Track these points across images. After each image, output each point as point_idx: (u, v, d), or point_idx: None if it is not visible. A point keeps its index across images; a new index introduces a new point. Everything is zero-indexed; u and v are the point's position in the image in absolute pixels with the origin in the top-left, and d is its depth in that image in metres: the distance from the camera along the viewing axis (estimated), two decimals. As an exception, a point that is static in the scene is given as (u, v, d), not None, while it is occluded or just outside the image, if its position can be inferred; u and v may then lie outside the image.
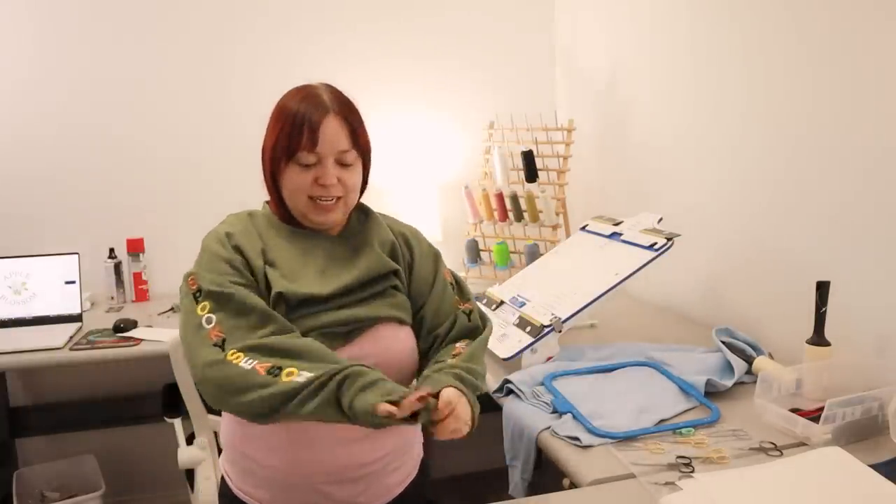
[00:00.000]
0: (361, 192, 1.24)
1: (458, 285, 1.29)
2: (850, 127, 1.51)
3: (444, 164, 2.76)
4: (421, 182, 2.68)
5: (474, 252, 2.50)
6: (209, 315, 1.08)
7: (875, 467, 1.07)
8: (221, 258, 1.12)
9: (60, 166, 2.40)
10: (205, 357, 1.05)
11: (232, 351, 1.05)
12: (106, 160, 2.44)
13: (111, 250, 2.37)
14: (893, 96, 1.40)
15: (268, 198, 1.22)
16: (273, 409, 1.01)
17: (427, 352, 1.23)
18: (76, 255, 2.18)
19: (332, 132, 1.14)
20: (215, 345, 1.06)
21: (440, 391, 1.03)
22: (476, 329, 1.25)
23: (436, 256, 1.29)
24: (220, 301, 1.08)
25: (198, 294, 1.10)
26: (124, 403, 2.47)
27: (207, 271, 1.11)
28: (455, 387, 1.06)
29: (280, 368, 1.03)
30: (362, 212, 1.27)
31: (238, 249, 1.13)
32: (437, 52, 2.70)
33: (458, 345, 1.21)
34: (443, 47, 2.70)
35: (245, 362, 1.03)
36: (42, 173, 2.39)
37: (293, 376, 1.02)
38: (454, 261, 2.67)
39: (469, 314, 1.26)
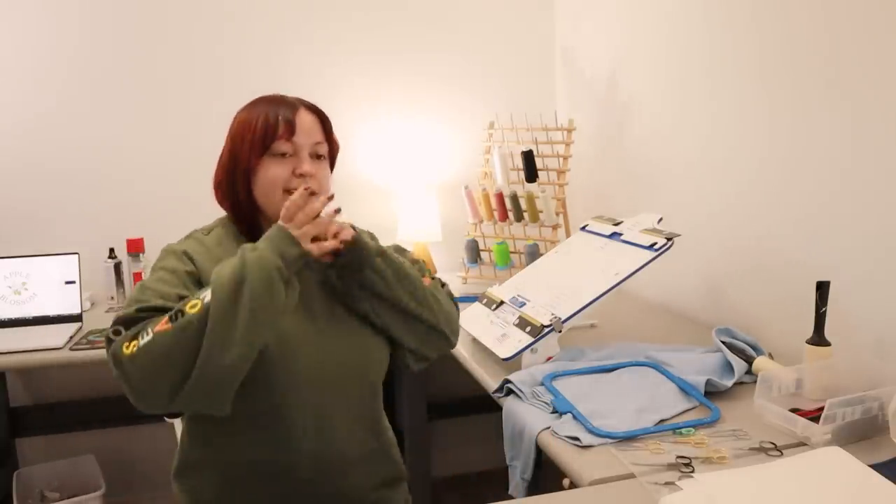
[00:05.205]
0: None
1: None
2: (850, 127, 1.51)
3: (444, 164, 2.75)
4: (421, 182, 2.68)
5: (474, 252, 2.50)
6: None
7: (875, 467, 1.07)
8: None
9: (61, 166, 2.40)
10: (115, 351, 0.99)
11: (125, 343, 0.99)
12: (106, 160, 2.44)
13: (111, 250, 2.36)
14: (895, 97, 1.40)
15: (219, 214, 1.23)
16: (211, 354, 0.93)
17: None
18: (76, 255, 2.17)
19: (307, 123, 1.19)
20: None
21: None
22: None
23: None
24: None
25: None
26: (124, 403, 2.43)
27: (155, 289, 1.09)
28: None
29: (181, 311, 0.98)
30: None
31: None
32: (437, 52, 2.69)
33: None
34: (443, 47, 2.70)
35: (143, 339, 0.97)
36: (42, 173, 2.39)
37: (197, 306, 0.97)
38: (454, 261, 2.67)
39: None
